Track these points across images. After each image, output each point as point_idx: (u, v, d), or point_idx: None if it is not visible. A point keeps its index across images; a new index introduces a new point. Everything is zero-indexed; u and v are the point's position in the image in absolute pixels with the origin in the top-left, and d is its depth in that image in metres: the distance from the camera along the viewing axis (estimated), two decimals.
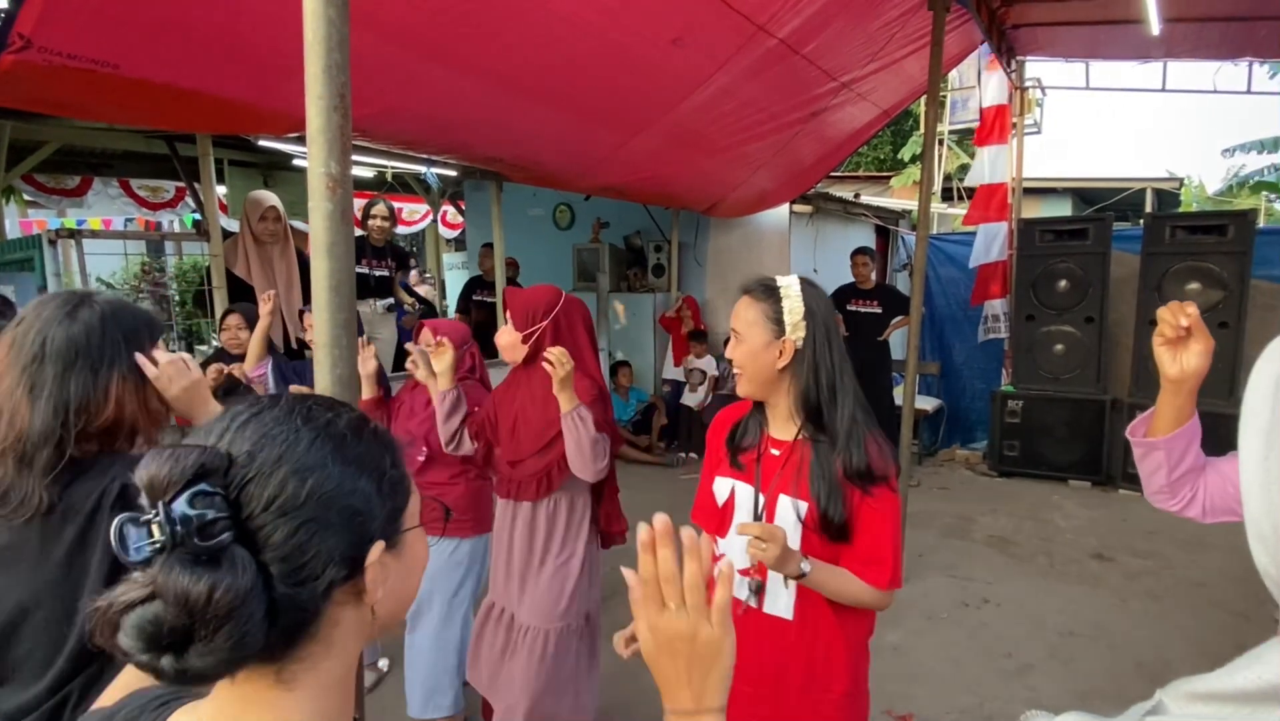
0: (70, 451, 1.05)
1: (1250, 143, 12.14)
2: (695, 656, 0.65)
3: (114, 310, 1.13)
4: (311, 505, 0.57)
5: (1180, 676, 3.17)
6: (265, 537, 0.55)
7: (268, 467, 0.57)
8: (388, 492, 0.63)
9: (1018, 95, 6.30)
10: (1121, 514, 4.94)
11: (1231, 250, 4.96)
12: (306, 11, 1.03)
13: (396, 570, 0.64)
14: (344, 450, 0.61)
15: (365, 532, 0.60)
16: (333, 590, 0.59)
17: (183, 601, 0.51)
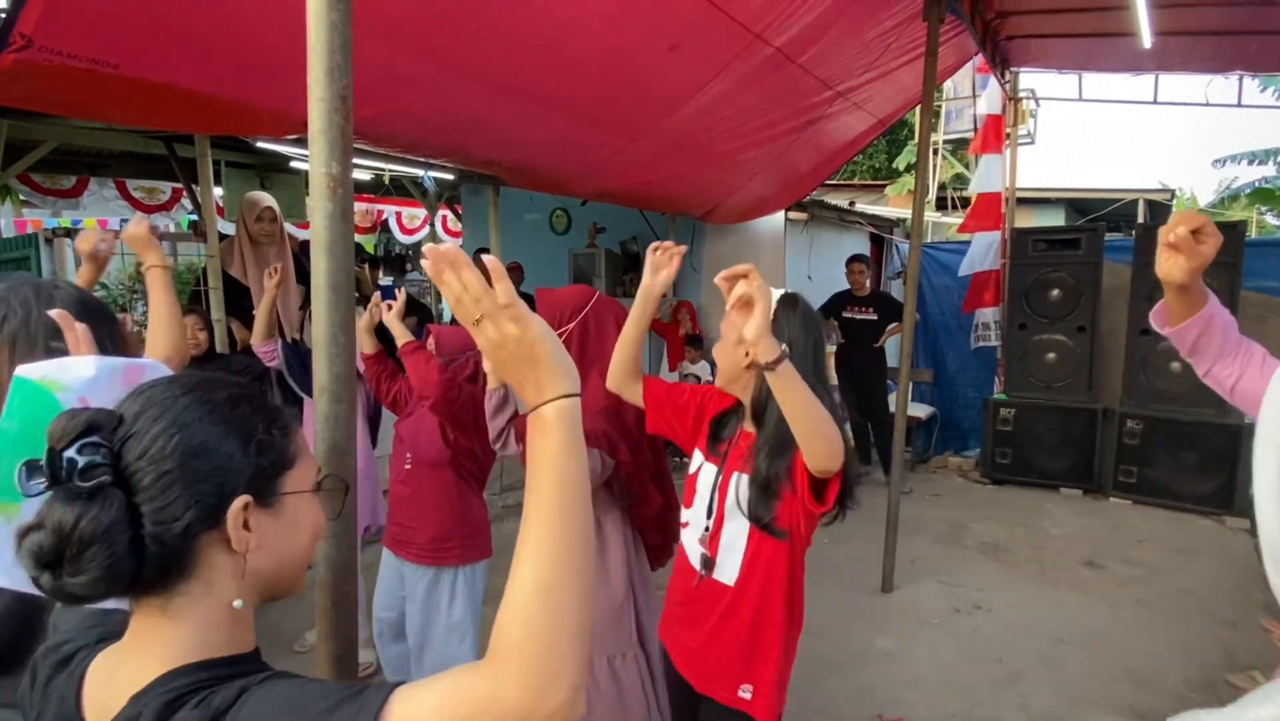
0: None
1: (1241, 154, 12.25)
2: (518, 355, 0.69)
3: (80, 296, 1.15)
4: (176, 456, 0.67)
5: (1169, 684, 3.19)
6: (137, 483, 0.66)
7: (146, 425, 0.68)
8: (254, 453, 0.71)
9: (1011, 106, 6.35)
10: (1112, 522, 4.96)
11: (1222, 261, 4.98)
12: (310, 15, 1.04)
13: (273, 528, 0.73)
14: (215, 414, 0.70)
15: (227, 486, 0.69)
16: (197, 533, 0.68)
17: (56, 528, 0.63)
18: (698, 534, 1.62)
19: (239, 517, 0.69)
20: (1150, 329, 5.14)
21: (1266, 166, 12.24)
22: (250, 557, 0.71)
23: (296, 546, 0.76)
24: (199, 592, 0.69)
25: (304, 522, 0.76)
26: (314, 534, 0.78)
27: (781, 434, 1.46)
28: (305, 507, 0.76)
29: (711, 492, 1.59)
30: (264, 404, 0.76)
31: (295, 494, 0.75)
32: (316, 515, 0.78)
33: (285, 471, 0.74)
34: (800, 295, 1.58)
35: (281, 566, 0.75)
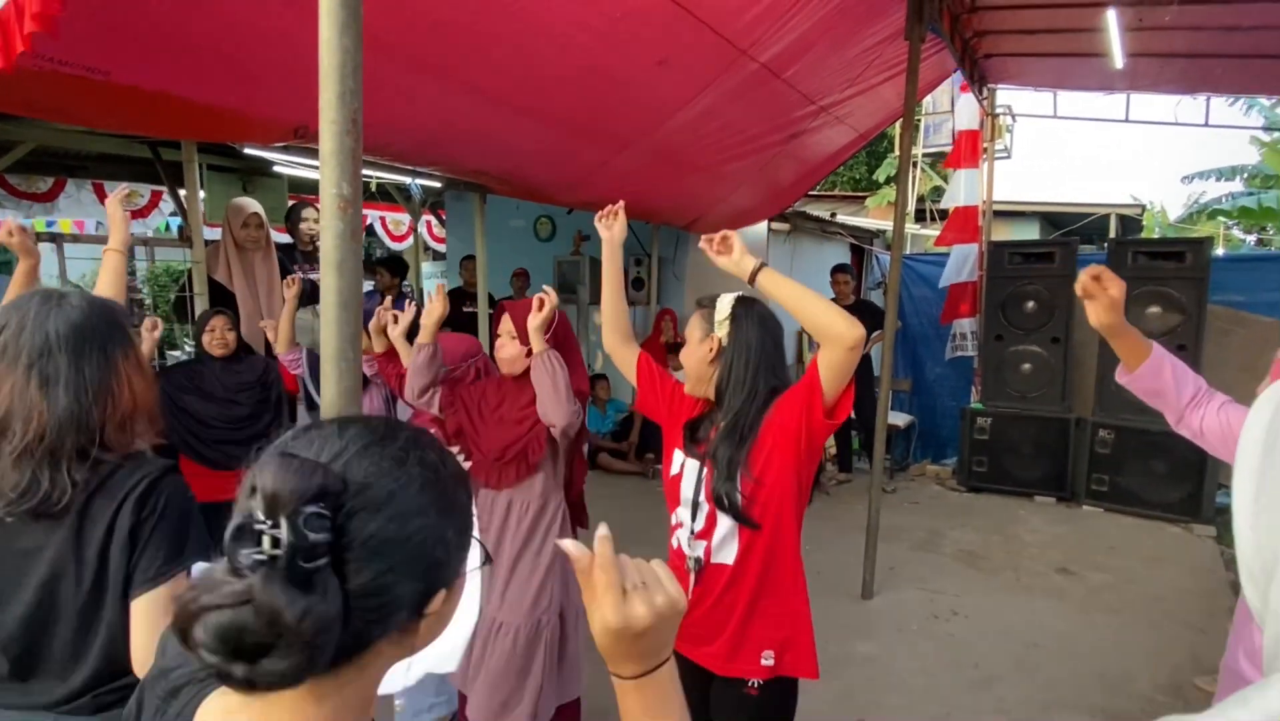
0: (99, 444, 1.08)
1: (1209, 170, 12.61)
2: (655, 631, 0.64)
3: (91, 299, 1.16)
4: (404, 550, 0.58)
5: (1139, 687, 3.27)
6: (354, 571, 0.56)
7: (376, 504, 0.57)
8: (459, 543, 0.64)
9: (988, 122, 6.50)
10: (1084, 529, 5.08)
11: (1190, 276, 5.17)
12: (322, 41, 1.08)
13: (446, 606, 0.65)
14: (443, 499, 0.63)
15: (436, 582, 0.62)
16: (392, 625, 0.60)
17: (273, 618, 0.51)
18: (688, 533, 1.67)
19: (436, 617, 0.63)
20: None
21: (1233, 183, 12.61)
22: (411, 640, 0.64)
23: (449, 621, 0.69)
24: (352, 677, 0.61)
25: (460, 598, 0.69)
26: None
27: (739, 414, 1.59)
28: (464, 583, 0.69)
29: (697, 487, 1.64)
30: (462, 475, 0.67)
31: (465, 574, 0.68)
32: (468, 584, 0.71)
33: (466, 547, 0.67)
34: (757, 299, 1.67)
35: (430, 640, 0.67)
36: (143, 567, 1.10)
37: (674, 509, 1.72)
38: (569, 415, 2.00)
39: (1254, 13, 3.97)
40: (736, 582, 1.62)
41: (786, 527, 1.61)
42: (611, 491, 5.51)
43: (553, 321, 2.09)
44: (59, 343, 1.07)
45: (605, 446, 6.27)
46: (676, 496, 1.70)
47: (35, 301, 1.11)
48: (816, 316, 1.47)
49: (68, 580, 1.09)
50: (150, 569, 1.10)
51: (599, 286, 7.77)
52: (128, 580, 1.10)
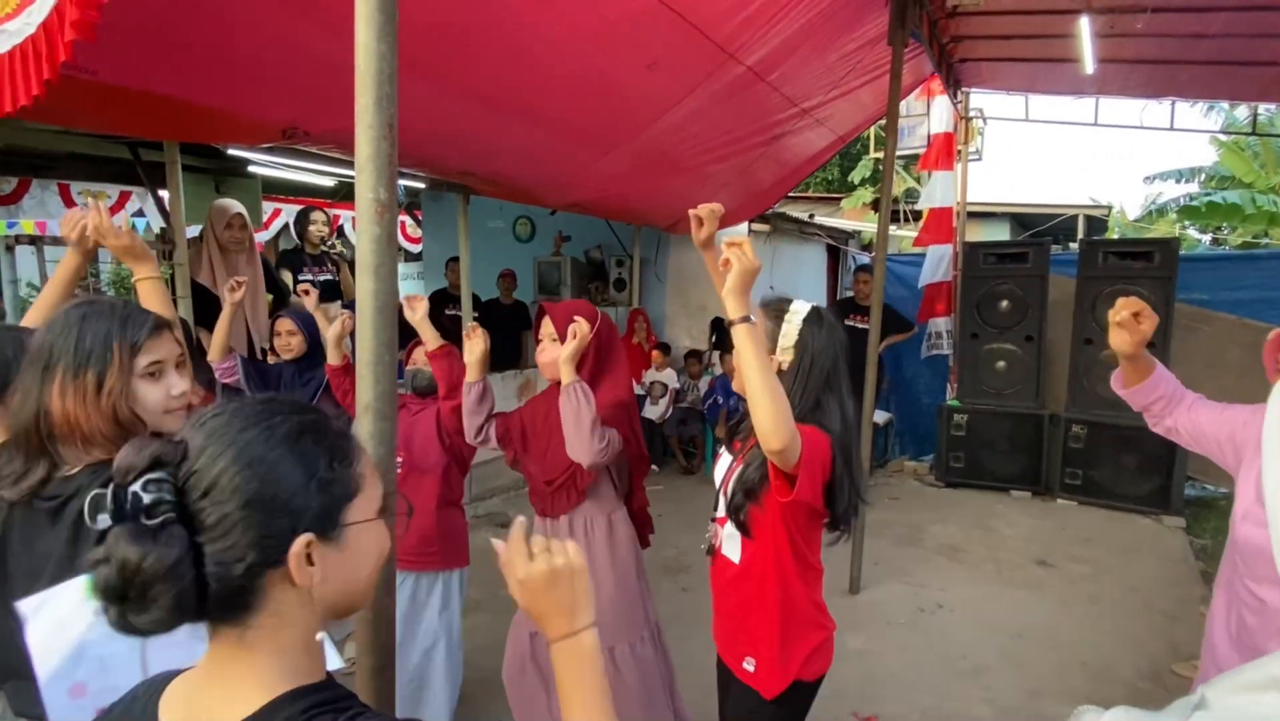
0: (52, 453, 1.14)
1: (1170, 172, 13.01)
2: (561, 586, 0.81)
3: (84, 315, 1.16)
4: (238, 497, 0.67)
5: (1121, 674, 3.38)
6: (200, 522, 0.66)
7: (210, 461, 0.67)
8: (315, 491, 0.71)
9: (962, 124, 6.63)
10: (1060, 522, 5.22)
11: (1158, 275, 5.33)
12: (359, 47, 1.08)
13: (337, 560, 0.72)
14: (277, 449, 0.70)
15: (288, 526, 0.69)
16: (260, 572, 0.68)
17: (120, 566, 0.63)
18: (713, 516, 1.74)
19: (301, 557, 0.69)
20: (1093, 338, 5.42)
21: (1192, 184, 13.02)
22: (316, 589, 0.71)
23: (362, 573, 0.76)
24: (271, 625, 0.70)
25: (368, 549, 0.76)
26: (379, 556, 0.78)
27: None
28: (370, 534, 0.76)
29: (723, 477, 1.71)
30: (327, 433, 0.74)
31: (359, 523, 0.74)
32: (381, 538, 0.78)
33: (348, 503, 0.74)
34: (825, 311, 1.64)
35: (347, 592, 0.75)
36: None
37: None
38: (593, 454, 1.91)
39: (1220, 21, 4.11)
40: (737, 580, 1.66)
41: (784, 549, 1.58)
42: None
43: (586, 348, 2.02)
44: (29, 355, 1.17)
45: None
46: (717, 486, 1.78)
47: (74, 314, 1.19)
48: (759, 402, 1.33)
49: (46, 579, 1.09)
50: None
51: (579, 286, 7.74)
52: None
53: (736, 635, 1.67)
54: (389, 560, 0.96)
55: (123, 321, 1.18)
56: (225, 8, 2.33)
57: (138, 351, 1.17)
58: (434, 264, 7.88)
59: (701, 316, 6.90)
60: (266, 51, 2.57)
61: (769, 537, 1.58)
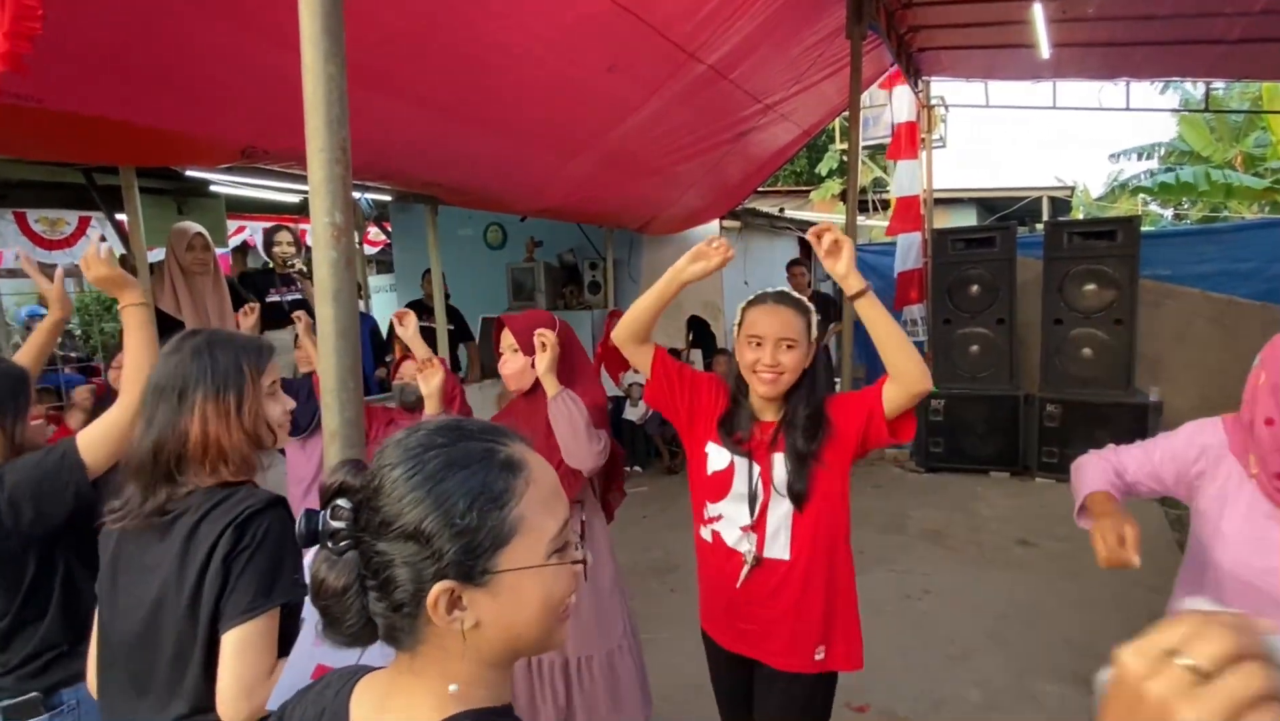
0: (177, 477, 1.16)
1: (1131, 149, 13.26)
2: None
3: (211, 342, 1.22)
4: (387, 540, 0.67)
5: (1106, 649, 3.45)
6: (366, 553, 0.69)
7: (373, 497, 0.69)
8: (452, 537, 0.67)
9: (925, 113, 6.70)
10: (1039, 501, 5.29)
11: (1122, 253, 5.43)
12: (306, 68, 1.06)
13: (490, 605, 0.69)
14: (422, 492, 0.68)
15: (425, 573, 0.67)
16: (408, 613, 0.68)
17: (313, 579, 0.69)
18: (739, 524, 1.67)
19: (439, 605, 0.67)
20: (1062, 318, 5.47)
21: (1151, 161, 13.28)
22: (472, 634, 0.69)
23: (525, 619, 0.71)
24: (437, 656, 0.70)
25: (529, 595, 0.71)
26: (547, 601, 0.72)
27: (812, 410, 1.64)
28: (531, 580, 0.71)
29: (753, 483, 1.65)
30: (478, 472, 0.70)
31: (513, 571, 0.69)
32: (551, 582, 0.72)
33: (498, 550, 0.69)
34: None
35: (513, 637, 0.71)
36: (234, 601, 1.11)
37: (713, 502, 1.72)
38: (595, 456, 1.91)
39: (1169, 2, 4.20)
40: (791, 576, 1.65)
41: (840, 520, 1.67)
42: None
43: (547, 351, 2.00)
44: (153, 386, 1.21)
45: None
46: (720, 490, 1.70)
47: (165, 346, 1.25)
48: (904, 356, 1.53)
49: (170, 602, 1.13)
50: (241, 602, 1.11)
51: (553, 291, 7.68)
52: (217, 612, 1.12)
53: (797, 635, 1.66)
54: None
55: (245, 347, 1.24)
56: (173, 29, 2.29)
57: (263, 372, 1.23)
58: (405, 275, 7.81)
59: (677, 315, 6.91)
60: (219, 71, 2.52)
61: (831, 497, 1.63)
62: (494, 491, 0.69)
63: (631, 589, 3.94)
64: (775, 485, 1.64)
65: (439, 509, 0.67)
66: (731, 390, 1.74)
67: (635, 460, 6.32)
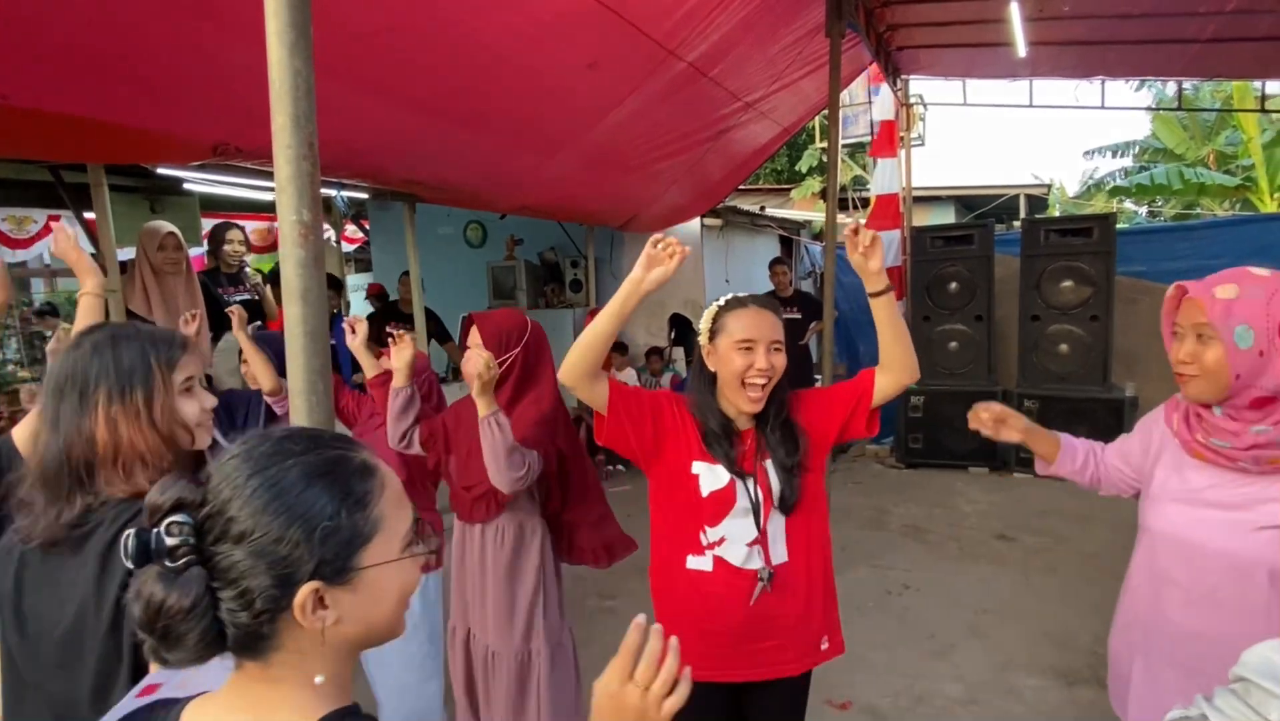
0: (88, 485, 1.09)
1: (1106, 146, 13.44)
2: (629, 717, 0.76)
3: (113, 336, 1.15)
4: (244, 547, 0.67)
5: (1083, 642, 3.45)
6: (216, 565, 0.67)
7: (221, 506, 0.68)
8: (321, 540, 0.69)
9: (903, 111, 6.74)
10: (1018, 496, 5.35)
11: (1098, 250, 5.50)
12: (271, 62, 1.03)
13: (352, 601, 0.71)
14: (283, 498, 0.69)
15: (292, 575, 0.68)
16: (270, 616, 0.68)
17: (146, 604, 0.65)
18: (745, 541, 1.61)
19: (305, 605, 0.68)
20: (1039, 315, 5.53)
21: (1125, 159, 13.46)
22: (333, 631, 0.70)
23: (382, 612, 0.75)
24: (294, 661, 0.70)
25: (388, 588, 0.74)
26: (403, 591, 0.76)
27: (784, 417, 1.65)
28: (389, 573, 0.74)
29: (755, 499, 1.61)
30: (339, 476, 0.72)
31: (374, 567, 0.72)
32: (405, 574, 0.76)
33: (361, 548, 0.72)
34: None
35: (370, 629, 0.74)
36: None
37: (713, 525, 1.62)
38: (512, 484, 1.92)
39: (1144, 1, 4.24)
40: (794, 577, 1.64)
41: (823, 510, 1.70)
42: None
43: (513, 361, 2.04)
44: (52, 386, 1.13)
45: None
46: (721, 510, 1.61)
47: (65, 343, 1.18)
48: (906, 348, 1.60)
49: (90, 625, 1.07)
50: None
51: (534, 290, 7.64)
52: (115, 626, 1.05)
53: (808, 635, 1.66)
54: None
55: (152, 340, 1.17)
56: (140, 25, 2.23)
57: (174, 367, 1.16)
58: (384, 274, 7.72)
59: (660, 313, 6.90)
60: (188, 67, 2.47)
61: (816, 493, 1.67)
62: (357, 494, 0.72)
63: (614, 589, 3.93)
64: (773, 495, 1.62)
65: (306, 514, 0.69)
66: (700, 401, 1.66)
67: (619, 460, 6.30)
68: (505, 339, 2.05)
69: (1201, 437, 1.41)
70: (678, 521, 1.65)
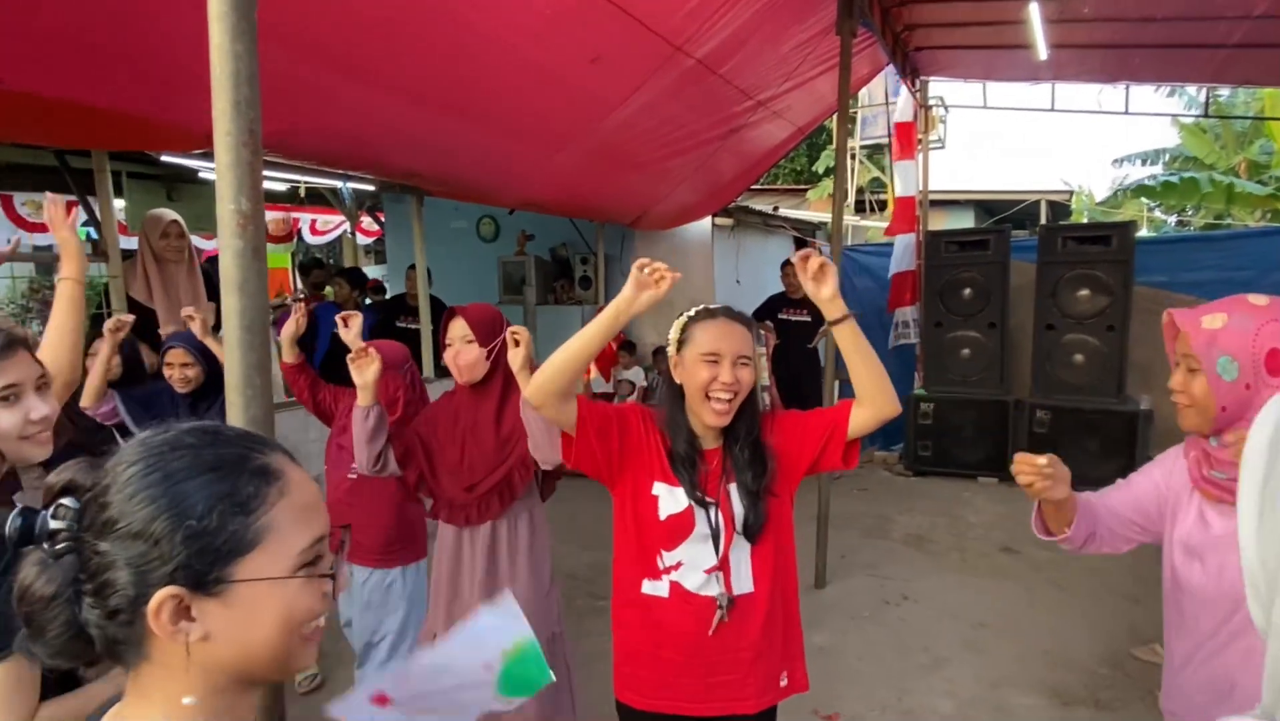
0: None
1: (1136, 154, 13.16)
2: None
3: None
4: (110, 537, 0.62)
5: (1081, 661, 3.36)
6: (86, 556, 0.63)
7: (99, 493, 0.64)
8: (182, 542, 0.62)
9: (922, 113, 6.63)
10: (1026, 509, 5.14)
11: (1116, 259, 5.36)
12: (213, 47, 1.01)
13: (223, 617, 0.64)
14: (155, 489, 0.63)
15: (148, 576, 0.62)
16: (127, 620, 0.63)
17: (18, 585, 0.62)
18: (703, 567, 1.54)
19: (160, 611, 0.62)
20: (1054, 324, 5.31)
21: (1156, 166, 13.18)
22: (200, 649, 0.64)
23: (260, 636, 0.66)
24: (160, 676, 0.65)
25: (267, 610, 0.66)
26: (287, 621, 0.67)
27: (755, 437, 1.56)
28: (270, 594, 0.66)
29: (714, 521, 1.53)
30: (226, 475, 0.65)
31: (250, 581, 0.65)
32: (292, 600, 0.67)
33: (238, 557, 0.64)
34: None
35: (245, 656, 0.66)
36: None
37: (669, 549, 1.56)
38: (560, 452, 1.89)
39: (1169, 4, 4.12)
40: (756, 608, 1.56)
41: (790, 541, 1.62)
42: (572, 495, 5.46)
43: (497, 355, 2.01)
44: None
45: None
46: (678, 535, 1.55)
47: None
48: (878, 379, 1.51)
49: None
50: None
51: (544, 285, 7.61)
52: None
53: (768, 667, 1.58)
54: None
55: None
56: (137, 8, 2.24)
57: None
58: (397, 266, 7.75)
59: (669, 312, 6.83)
60: (184, 54, 2.46)
61: (783, 522, 1.60)
62: (240, 496, 0.65)
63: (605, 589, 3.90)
64: (735, 521, 1.54)
65: (173, 508, 0.63)
66: (668, 417, 1.58)
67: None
68: (493, 327, 2.02)
69: (1206, 471, 1.36)
70: (636, 542, 1.59)
